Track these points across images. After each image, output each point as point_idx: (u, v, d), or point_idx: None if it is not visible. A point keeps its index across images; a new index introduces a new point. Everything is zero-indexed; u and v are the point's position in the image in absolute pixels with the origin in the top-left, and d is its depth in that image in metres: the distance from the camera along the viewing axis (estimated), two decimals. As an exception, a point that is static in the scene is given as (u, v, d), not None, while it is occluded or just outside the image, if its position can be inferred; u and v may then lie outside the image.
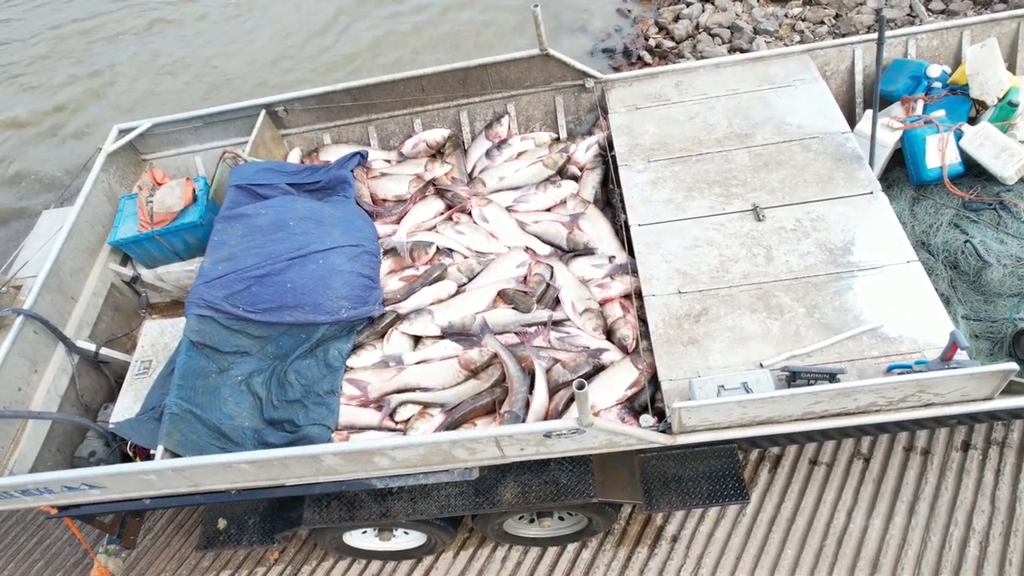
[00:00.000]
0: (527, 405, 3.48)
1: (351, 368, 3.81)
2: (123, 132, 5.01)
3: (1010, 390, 2.92)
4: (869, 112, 4.28)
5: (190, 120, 5.00)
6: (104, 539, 4.13)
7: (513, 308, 3.88)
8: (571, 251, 4.18)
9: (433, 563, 4.30)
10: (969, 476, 4.07)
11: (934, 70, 4.37)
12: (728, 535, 4.09)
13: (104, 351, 4.34)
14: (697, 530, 4.13)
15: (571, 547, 4.20)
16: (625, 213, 3.96)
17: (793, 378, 3.00)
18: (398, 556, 4.27)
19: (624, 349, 3.63)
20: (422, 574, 4.27)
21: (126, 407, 4.06)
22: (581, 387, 2.60)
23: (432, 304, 3.98)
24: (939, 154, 4.00)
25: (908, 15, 7.32)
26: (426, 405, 3.65)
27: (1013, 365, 2.71)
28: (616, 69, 7.97)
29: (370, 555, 4.27)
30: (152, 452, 3.44)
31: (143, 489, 3.48)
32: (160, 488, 3.45)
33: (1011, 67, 4.50)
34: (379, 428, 3.63)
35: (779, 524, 4.08)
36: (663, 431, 3.07)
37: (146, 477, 3.32)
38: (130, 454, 3.83)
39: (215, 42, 9.87)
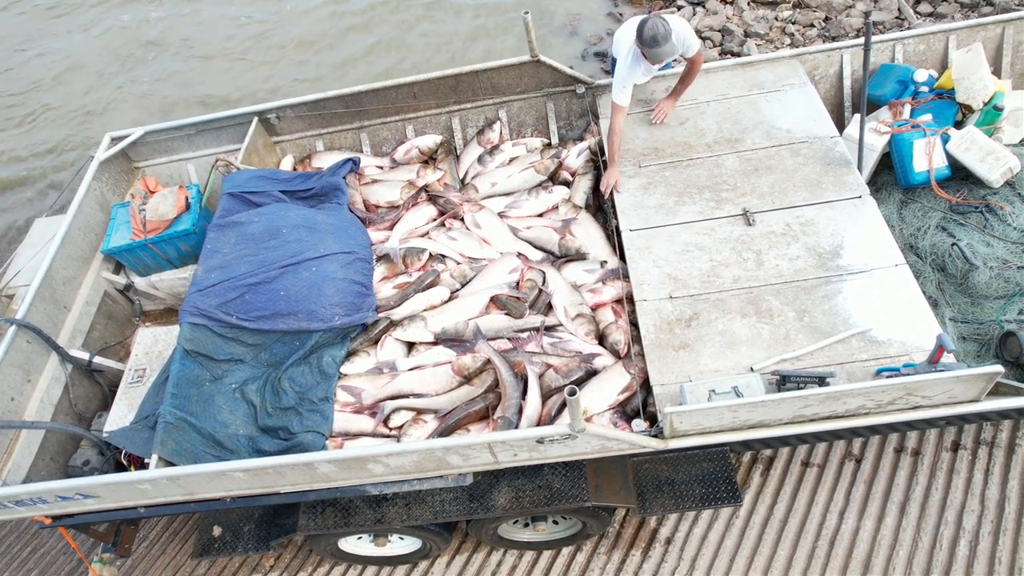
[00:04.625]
0: (520, 411, 3.50)
1: (345, 375, 3.82)
2: (115, 140, 5.00)
3: (997, 391, 2.95)
4: (857, 116, 4.32)
5: (182, 127, 5.00)
6: (99, 548, 4.13)
7: (506, 314, 3.90)
8: (563, 256, 4.20)
9: (428, 568, 4.30)
10: (959, 476, 4.11)
11: (921, 75, 4.43)
12: (721, 537, 4.11)
13: (97, 360, 4.34)
14: (691, 533, 4.16)
15: (566, 551, 4.22)
16: (616, 218, 3.99)
17: (783, 382, 3.02)
18: (393, 561, 4.28)
19: (616, 354, 3.65)
20: (417, 579, 4.29)
21: (120, 416, 4.06)
22: (573, 393, 2.62)
23: (425, 310, 3.99)
24: (926, 158, 4.04)
25: (897, 18, 7.38)
26: (420, 411, 3.66)
27: (999, 367, 2.75)
28: (608, 73, 8.00)
29: (366, 561, 4.28)
30: (146, 461, 3.44)
31: (138, 498, 3.48)
32: (155, 497, 3.45)
33: (996, 71, 4.55)
34: (373, 434, 3.64)
35: (772, 526, 4.11)
36: (655, 435, 3.09)
37: (140, 486, 3.32)
38: (124, 463, 3.83)
39: (210, 44, 9.86)
